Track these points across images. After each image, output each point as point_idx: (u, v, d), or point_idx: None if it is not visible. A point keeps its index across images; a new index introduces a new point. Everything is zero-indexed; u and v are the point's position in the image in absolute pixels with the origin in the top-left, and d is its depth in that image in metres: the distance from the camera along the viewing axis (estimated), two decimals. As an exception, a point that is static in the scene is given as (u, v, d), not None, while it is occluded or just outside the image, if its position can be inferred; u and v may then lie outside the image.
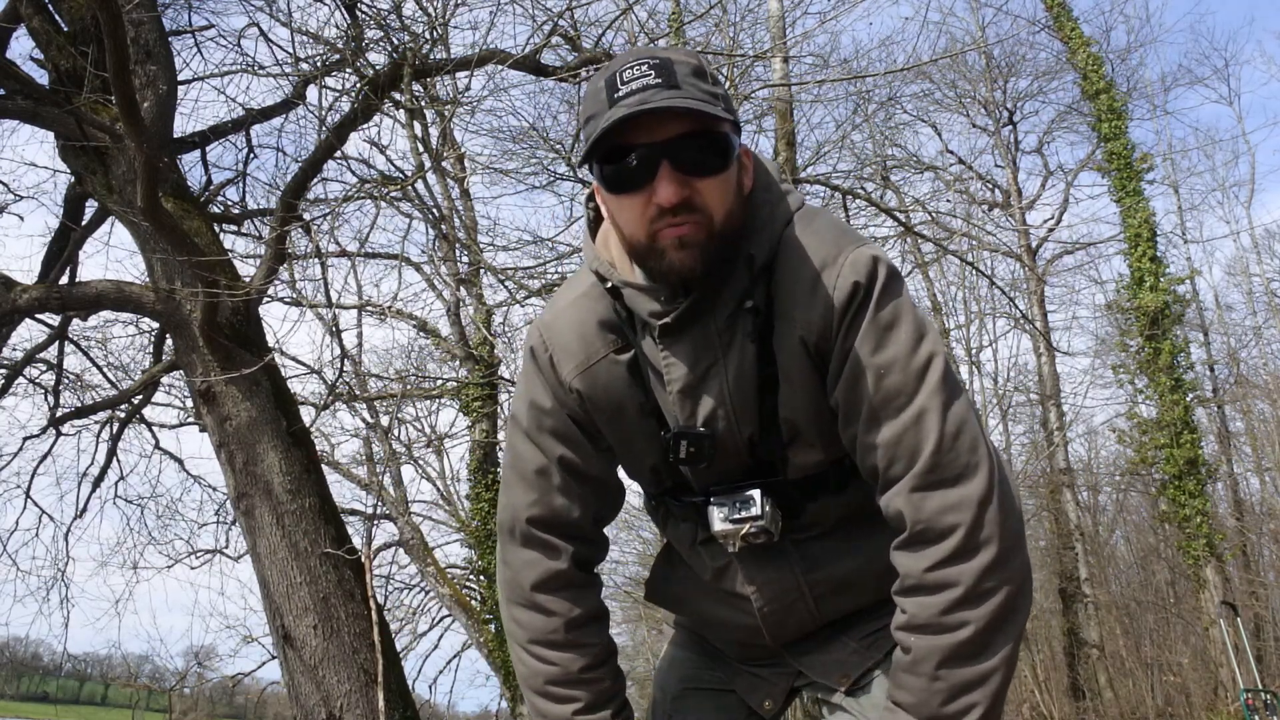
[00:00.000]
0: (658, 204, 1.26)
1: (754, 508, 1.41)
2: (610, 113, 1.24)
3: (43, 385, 7.84)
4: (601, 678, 1.48)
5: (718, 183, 1.28)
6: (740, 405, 1.38)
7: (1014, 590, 1.24)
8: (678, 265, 1.28)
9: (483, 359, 10.23)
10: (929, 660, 1.25)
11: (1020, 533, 1.27)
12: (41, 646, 48.12)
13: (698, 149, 1.26)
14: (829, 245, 1.33)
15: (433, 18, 5.43)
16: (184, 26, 6.67)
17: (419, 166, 7.84)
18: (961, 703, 1.23)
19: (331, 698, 4.82)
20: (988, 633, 1.23)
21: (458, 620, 10.34)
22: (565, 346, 1.46)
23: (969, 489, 1.25)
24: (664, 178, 1.25)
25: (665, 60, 1.28)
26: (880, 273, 1.31)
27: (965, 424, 1.27)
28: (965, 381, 16.15)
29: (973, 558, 1.23)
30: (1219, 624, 10.72)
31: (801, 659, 1.53)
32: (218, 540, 9.87)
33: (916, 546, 1.27)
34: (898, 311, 1.30)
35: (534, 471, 1.49)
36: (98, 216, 6.47)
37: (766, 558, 1.47)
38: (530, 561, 1.49)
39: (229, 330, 5.21)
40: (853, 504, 1.44)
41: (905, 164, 15.32)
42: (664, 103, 1.23)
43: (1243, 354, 17.19)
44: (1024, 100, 17.42)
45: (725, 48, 7.90)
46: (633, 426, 1.46)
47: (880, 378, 1.29)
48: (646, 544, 19.14)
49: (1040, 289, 16.20)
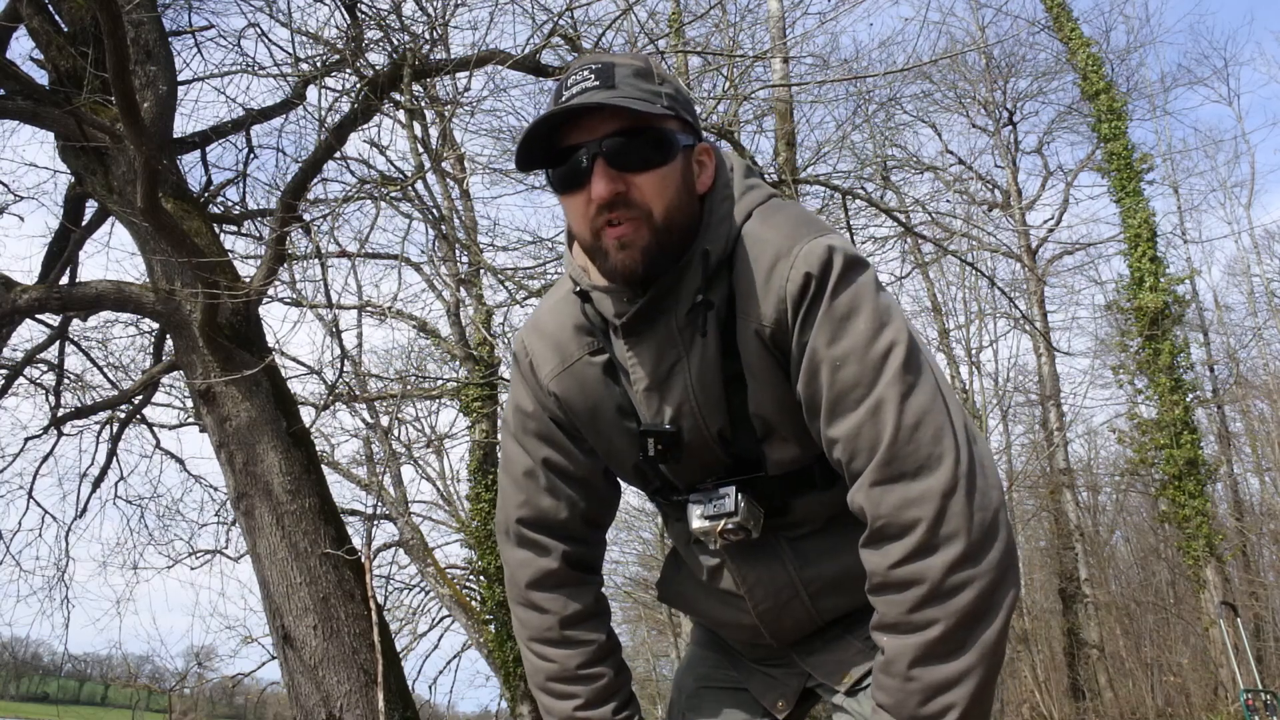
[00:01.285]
0: (593, 200, 1.28)
1: (728, 504, 1.40)
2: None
3: (43, 385, 7.85)
4: (600, 674, 1.49)
5: (655, 178, 1.29)
6: (705, 401, 1.38)
7: (988, 585, 1.19)
8: (619, 266, 1.31)
9: (483, 359, 10.23)
10: (901, 660, 1.22)
11: (992, 525, 1.21)
12: (42, 647, 48.20)
13: (632, 145, 1.28)
14: (784, 237, 1.32)
15: (433, 18, 5.43)
16: (184, 27, 6.68)
17: (419, 167, 7.84)
18: (938, 704, 1.20)
19: (331, 698, 4.82)
20: (960, 630, 1.19)
21: (458, 620, 10.34)
22: (543, 351, 1.49)
23: (930, 482, 1.21)
24: (597, 174, 1.27)
25: (607, 64, 1.31)
26: (835, 262, 1.28)
27: (926, 414, 1.23)
28: (957, 375, 16.17)
29: (935, 553, 1.19)
30: (1219, 624, 10.72)
31: (808, 659, 1.52)
32: (218, 540, 9.88)
33: (879, 543, 1.24)
34: (855, 301, 1.27)
35: (522, 473, 1.52)
36: (98, 217, 6.47)
37: (758, 556, 1.47)
38: (524, 561, 1.53)
39: (229, 331, 5.21)
40: (843, 500, 1.40)
41: (905, 164, 15.31)
42: (584, 100, 1.26)
43: (1243, 354, 17.21)
44: (1024, 100, 17.45)
45: (725, 48, 7.90)
46: (611, 427, 1.47)
47: (836, 370, 1.26)
48: (646, 544, 19.15)
49: (1040, 289, 16.21)
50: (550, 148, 1.32)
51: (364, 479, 10.28)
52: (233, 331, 5.25)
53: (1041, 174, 18.08)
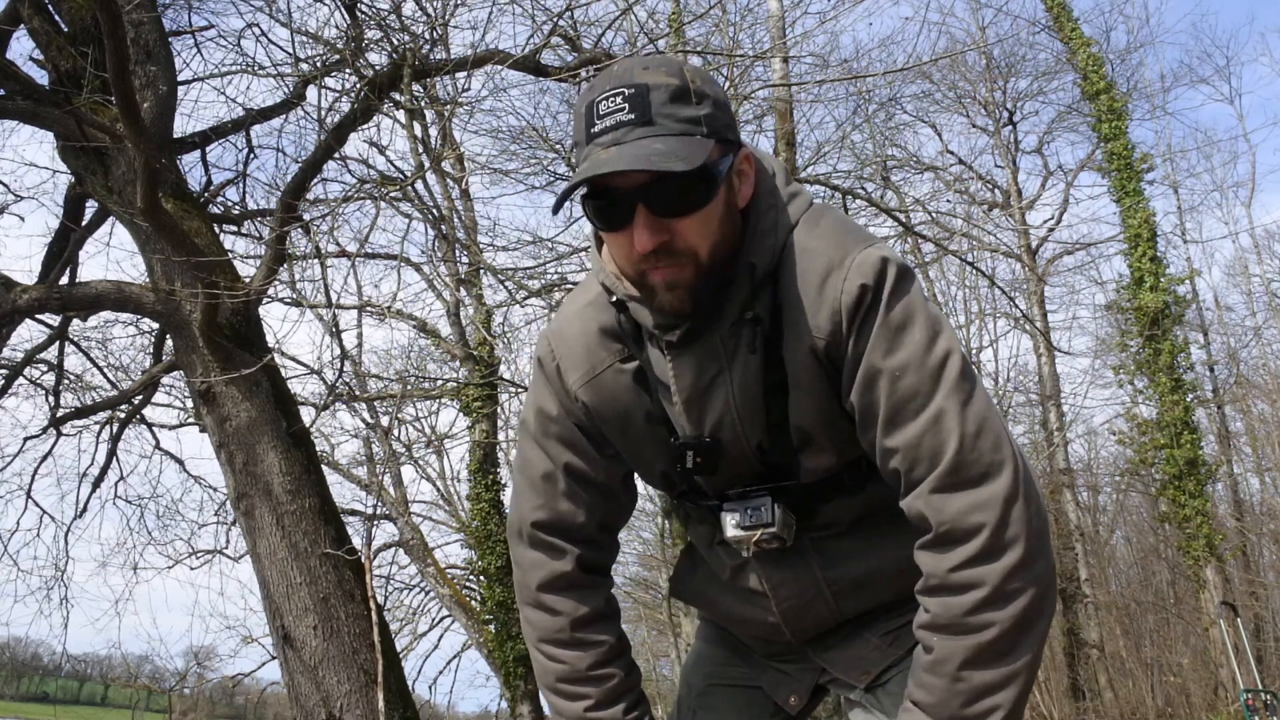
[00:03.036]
0: (636, 249, 1.25)
1: (765, 515, 1.40)
2: (584, 160, 1.25)
3: (43, 385, 7.85)
4: (610, 675, 1.49)
5: (699, 220, 1.26)
6: (747, 414, 1.37)
7: (1040, 591, 1.22)
8: (668, 306, 1.29)
9: (483, 359, 10.23)
10: (951, 661, 1.23)
11: (1044, 532, 1.24)
12: (41, 647, 48.17)
13: (673, 190, 1.23)
14: (834, 248, 1.30)
15: (433, 18, 5.43)
16: (184, 27, 6.68)
17: (419, 167, 7.84)
18: (983, 705, 1.21)
19: (331, 698, 4.82)
20: (1013, 634, 1.21)
21: (458, 620, 10.35)
22: (571, 356, 1.47)
23: (994, 488, 1.22)
24: (639, 224, 1.24)
25: (641, 89, 1.24)
26: (889, 273, 1.27)
27: (986, 421, 1.24)
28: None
29: (999, 558, 1.21)
30: (1219, 624, 10.71)
31: (824, 655, 1.52)
32: (218, 540, 9.90)
33: (941, 547, 1.25)
34: (909, 311, 1.27)
35: (540, 476, 1.50)
36: (98, 217, 6.47)
37: (784, 557, 1.47)
38: (536, 563, 1.51)
39: (229, 330, 5.21)
40: (870, 503, 1.42)
41: (905, 164, 15.33)
42: (622, 165, 1.20)
43: (1243, 354, 17.20)
44: (1024, 100, 17.42)
45: (725, 48, 7.90)
46: (641, 434, 1.45)
47: (895, 380, 1.26)
48: (646, 544, 19.13)
49: (1040, 289, 16.20)
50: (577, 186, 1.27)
51: (364, 479, 10.28)
52: (233, 331, 5.24)
53: (1041, 174, 18.07)
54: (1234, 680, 9.73)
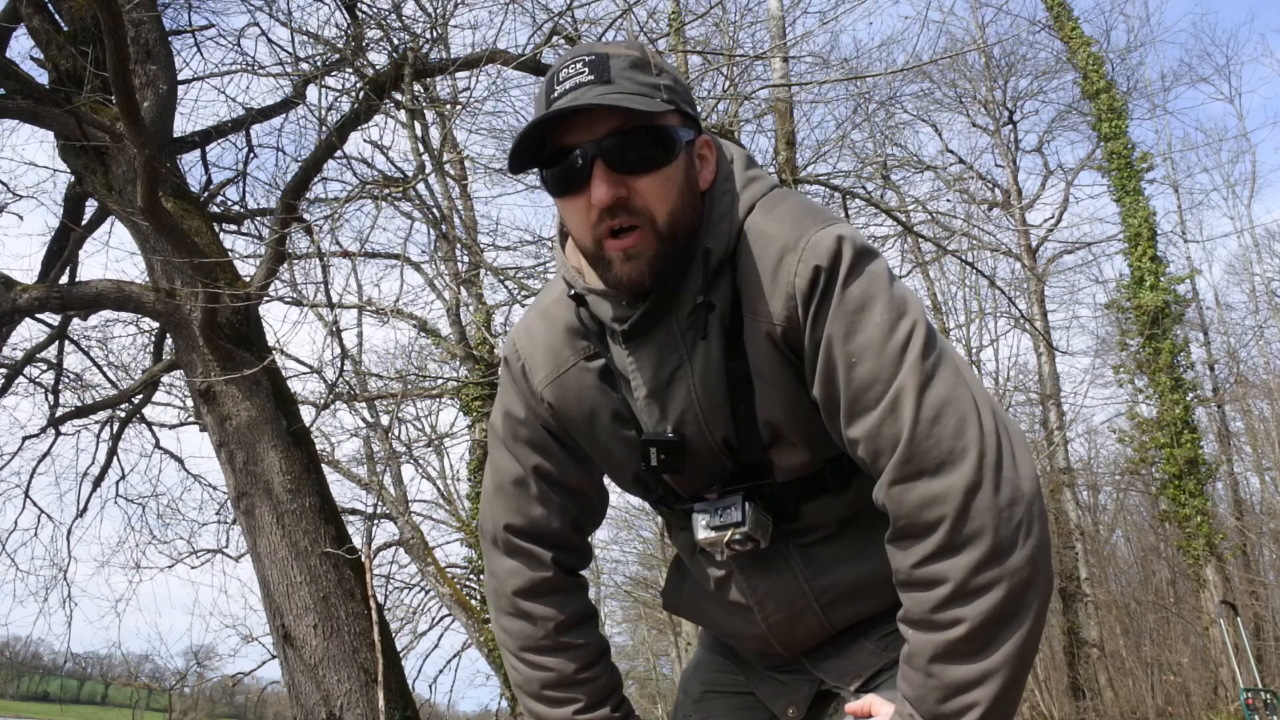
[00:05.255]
0: (593, 205, 1.22)
1: (735, 514, 1.35)
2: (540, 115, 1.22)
3: (43, 385, 7.85)
4: (597, 676, 1.47)
5: (658, 179, 1.23)
6: (709, 407, 1.32)
7: (1017, 585, 1.13)
8: (625, 278, 1.25)
9: (483, 359, 10.23)
10: (922, 655, 1.18)
11: (1022, 521, 1.15)
12: (42, 646, 48.23)
13: (632, 145, 1.21)
14: (789, 230, 1.25)
15: (433, 18, 5.43)
16: (184, 26, 6.69)
17: (420, 167, 7.83)
18: (959, 702, 1.15)
19: (331, 697, 4.82)
20: (986, 629, 1.13)
21: (458, 620, 10.34)
22: (535, 356, 1.43)
23: (953, 478, 1.14)
24: (597, 177, 1.21)
25: (601, 55, 1.23)
26: (845, 253, 1.21)
27: (947, 405, 1.16)
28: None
29: (960, 553, 1.13)
30: (1219, 624, 10.72)
31: (821, 665, 1.47)
32: (218, 540, 9.91)
33: (903, 542, 1.19)
34: (868, 293, 1.21)
35: (511, 482, 1.47)
36: (98, 216, 6.48)
37: (767, 565, 1.41)
38: (513, 570, 1.47)
39: (229, 330, 5.22)
40: (859, 503, 1.35)
41: (905, 164, 15.30)
42: (578, 100, 1.19)
43: (1243, 353, 17.20)
44: (1024, 100, 17.42)
45: (725, 48, 7.90)
46: (609, 435, 1.41)
47: (853, 365, 1.19)
48: (646, 544, 19.14)
49: (1040, 289, 16.20)
50: (543, 146, 1.25)
51: (364, 478, 10.27)
52: (233, 331, 5.25)
53: (1041, 173, 18.07)
54: (1234, 679, 9.74)
